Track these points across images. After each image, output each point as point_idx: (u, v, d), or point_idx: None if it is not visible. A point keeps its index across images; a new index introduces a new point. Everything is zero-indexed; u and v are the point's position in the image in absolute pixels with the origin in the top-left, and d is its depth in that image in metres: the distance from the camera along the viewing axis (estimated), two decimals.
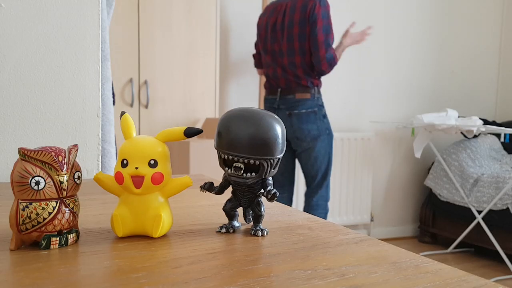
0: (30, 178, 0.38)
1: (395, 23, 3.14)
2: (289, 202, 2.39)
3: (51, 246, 0.39)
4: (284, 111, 2.14)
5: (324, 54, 2.04)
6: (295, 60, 2.10)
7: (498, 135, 3.16)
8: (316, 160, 2.17)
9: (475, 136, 2.95)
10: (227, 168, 0.45)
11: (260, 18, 2.25)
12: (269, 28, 2.17)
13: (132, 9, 2.07)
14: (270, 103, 2.20)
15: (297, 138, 2.14)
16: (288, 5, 2.11)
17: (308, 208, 2.27)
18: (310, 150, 2.15)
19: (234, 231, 0.47)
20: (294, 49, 2.09)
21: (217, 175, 1.90)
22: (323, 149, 2.16)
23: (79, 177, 0.42)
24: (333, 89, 2.95)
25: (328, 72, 2.09)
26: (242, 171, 0.43)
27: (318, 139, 2.13)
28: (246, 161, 0.43)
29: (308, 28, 2.05)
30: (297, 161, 2.32)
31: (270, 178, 0.46)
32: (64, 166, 0.40)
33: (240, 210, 0.50)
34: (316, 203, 2.25)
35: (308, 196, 2.27)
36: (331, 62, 2.06)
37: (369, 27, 2.22)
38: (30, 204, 0.38)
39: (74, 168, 0.41)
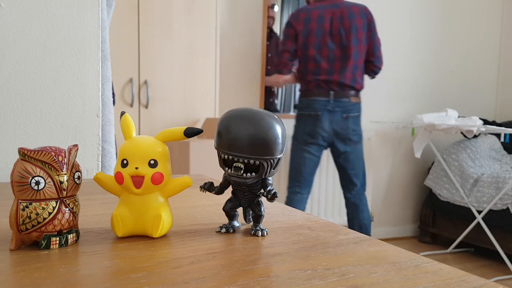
0: (30, 178, 0.38)
1: (395, 23, 3.14)
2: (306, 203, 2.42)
3: (51, 246, 0.39)
4: (340, 114, 2.23)
5: (381, 53, 2.29)
6: (358, 63, 2.23)
7: (498, 135, 3.16)
8: (362, 159, 2.34)
9: (475, 136, 2.95)
10: (227, 168, 0.44)
11: (305, 25, 2.22)
12: (325, 34, 2.20)
13: (132, 9, 2.07)
14: (322, 105, 2.22)
15: (349, 139, 2.26)
16: (343, 11, 2.21)
17: (361, 205, 2.37)
18: (358, 150, 2.31)
19: (234, 231, 0.47)
20: (359, 52, 2.22)
21: (217, 175, 1.90)
22: (363, 150, 2.37)
23: (79, 177, 0.42)
24: None
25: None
26: (242, 171, 0.43)
27: (361, 140, 2.33)
28: (246, 161, 0.43)
29: (369, 33, 2.24)
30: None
31: (270, 178, 0.46)
32: (64, 166, 0.40)
33: (240, 210, 0.50)
34: (366, 200, 2.41)
35: (361, 194, 2.37)
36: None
37: None
38: (30, 204, 0.38)
39: (74, 168, 0.41)
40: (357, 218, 2.36)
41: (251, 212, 0.50)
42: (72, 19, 0.80)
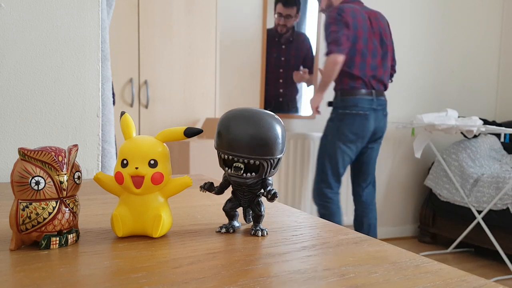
0: (30, 178, 0.38)
1: (395, 23, 3.14)
2: None
3: (51, 246, 0.39)
4: (381, 112, 2.29)
5: None
6: (390, 62, 2.32)
7: (498, 135, 3.16)
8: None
9: (475, 136, 2.95)
10: (227, 168, 0.44)
11: (353, 18, 2.20)
12: (369, 29, 2.23)
13: (132, 9, 2.07)
14: (369, 104, 2.24)
15: (381, 137, 2.35)
16: (375, 13, 2.28)
17: (372, 204, 2.39)
18: (379, 148, 2.40)
19: (234, 231, 0.47)
20: (391, 52, 2.32)
21: (217, 175, 1.90)
22: None
23: (79, 177, 0.42)
24: (333, 90, 2.95)
25: None
26: (242, 171, 0.43)
27: None
28: (246, 161, 0.43)
29: (391, 38, 2.36)
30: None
31: (270, 178, 0.46)
32: (64, 166, 0.40)
33: (240, 210, 0.50)
34: (375, 200, 2.45)
35: (373, 192, 2.41)
36: None
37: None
38: (30, 204, 0.38)
39: (74, 168, 0.41)
40: (367, 217, 2.35)
41: (251, 212, 0.50)
42: (72, 19, 0.80)
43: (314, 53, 2.90)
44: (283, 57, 2.79)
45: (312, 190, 2.40)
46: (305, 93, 2.91)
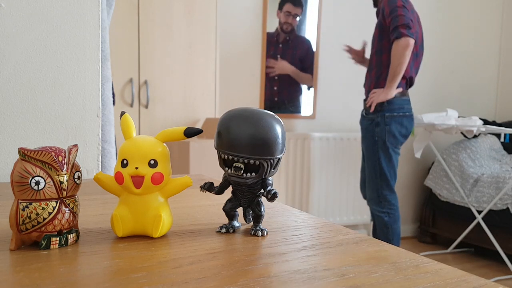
0: (30, 178, 0.38)
1: None
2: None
3: (51, 246, 0.39)
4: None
5: None
6: (419, 65, 2.26)
7: (498, 135, 3.16)
8: None
9: (475, 136, 2.95)
10: (227, 168, 0.44)
11: (413, 14, 2.13)
12: (420, 29, 2.19)
13: (132, 9, 2.07)
14: (409, 104, 2.21)
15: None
16: (416, 13, 2.24)
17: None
18: None
19: (234, 231, 0.47)
20: (422, 56, 2.25)
21: (217, 175, 1.90)
22: None
23: (79, 177, 0.42)
24: (333, 89, 2.95)
25: None
26: (242, 171, 0.43)
27: None
28: (246, 161, 0.43)
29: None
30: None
31: (270, 178, 0.46)
32: (64, 166, 0.40)
33: (240, 210, 0.50)
34: None
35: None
36: None
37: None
38: (30, 204, 0.38)
39: (74, 168, 0.41)
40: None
41: (251, 212, 0.50)
42: (72, 19, 0.80)
43: (313, 56, 2.90)
44: (279, 55, 2.80)
45: (371, 199, 2.26)
46: (305, 92, 2.91)
